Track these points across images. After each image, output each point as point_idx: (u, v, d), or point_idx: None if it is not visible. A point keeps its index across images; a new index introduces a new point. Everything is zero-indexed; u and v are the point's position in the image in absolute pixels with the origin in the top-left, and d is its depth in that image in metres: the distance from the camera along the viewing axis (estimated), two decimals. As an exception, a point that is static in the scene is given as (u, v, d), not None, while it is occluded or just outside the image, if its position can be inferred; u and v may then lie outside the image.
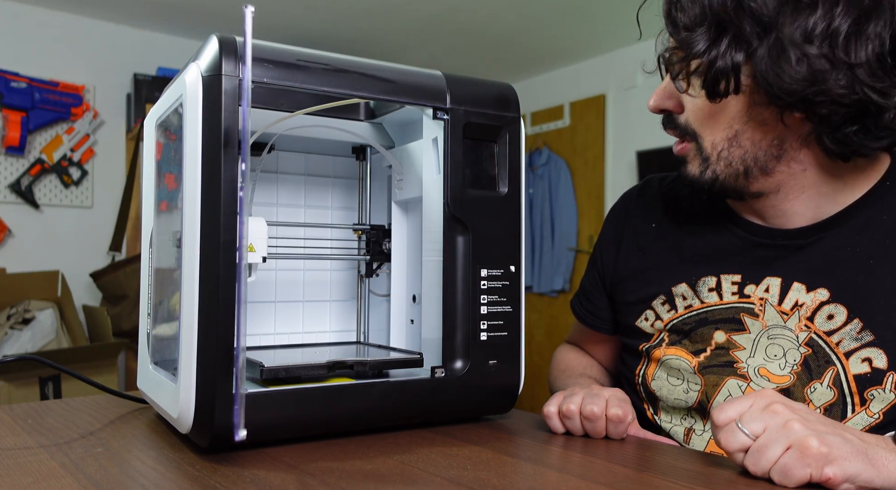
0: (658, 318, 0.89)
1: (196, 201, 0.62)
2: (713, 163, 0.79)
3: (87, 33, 3.44)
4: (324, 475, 0.58)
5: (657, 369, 0.89)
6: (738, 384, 0.82)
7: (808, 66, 0.69)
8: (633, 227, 0.97)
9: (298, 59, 0.68)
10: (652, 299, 0.90)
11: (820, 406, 0.77)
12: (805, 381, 0.78)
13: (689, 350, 0.86)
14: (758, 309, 0.82)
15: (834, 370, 0.76)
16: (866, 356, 0.75)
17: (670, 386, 0.87)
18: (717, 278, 0.85)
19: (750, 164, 0.78)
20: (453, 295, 0.75)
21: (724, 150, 0.79)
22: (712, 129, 0.79)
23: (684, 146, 0.83)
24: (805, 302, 0.79)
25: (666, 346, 0.88)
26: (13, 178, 3.23)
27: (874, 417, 0.75)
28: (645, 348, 0.90)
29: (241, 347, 0.57)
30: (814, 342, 0.78)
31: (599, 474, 0.60)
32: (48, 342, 2.73)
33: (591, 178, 3.94)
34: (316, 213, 0.95)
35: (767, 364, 0.80)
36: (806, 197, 0.80)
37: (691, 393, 0.85)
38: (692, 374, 0.85)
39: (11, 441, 0.68)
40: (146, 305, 0.81)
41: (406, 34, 3.64)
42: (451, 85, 0.76)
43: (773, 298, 0.81)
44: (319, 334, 0.95)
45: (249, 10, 0.58)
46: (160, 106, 0.78)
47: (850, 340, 0.76)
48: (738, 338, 0.82)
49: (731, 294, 0.84)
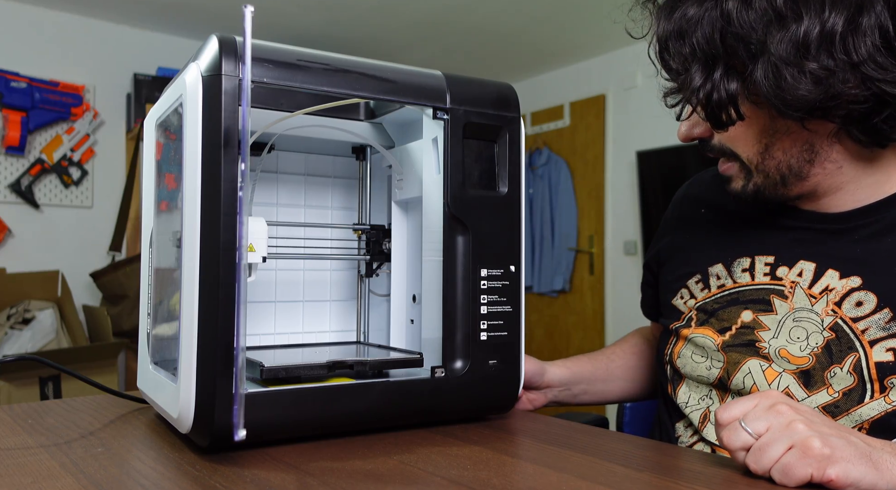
0: (692, 297, 0.92)
1: (196, 201, 0.62)
2: (754, 176, 0.81)
3: (87, 33, 3.44)
4: (324, 475, 0.58)
5: (683, 347, 0.90)
6: (760, 364, 0.82)
7: (809, 77, 0.69)
8: (685, 210, 1.01)
9: (298, 59, 0.68)
10: (688, 278, 0.93)
11: (839, 391, 0.76)
12: (825, 365, 0.77)
13: (715, 329, 0.87)
14: (787, 291, 0.82)
15: (856, 356, 0.76)
16: (892, 346, 0.75)
17: (694, 363, 0.88)
18: (751, 259, 0.87)
19: (785, 171, 0.79)
20: (453, 295, 0.75)
21: (760, 163, 0.80)
22: (744, 146, 0.80)
23: (729, 166, 0.84)
24: (836, 287, 0.79)
25: (695, 325, 0.89)
26: (13, 178, 3.23)
27: (891, 404, 0.74)
28: (675, 327, 0.92)
29: (240, 347, 0.57)
30: (838, 327, 0.78)
31: (599, 474, 0.60)
32: (48, 342, 2.73)
33: (591, 178, 3.94)
34: (316, 213, 0.95)
35: (789, 346, 0.80)
36: (846, 192, 0.81)
37: (713, 370, 0.86)
38: (716, 352, 0.86)
39: (11, 441, 0.68)
40: (146, 305, 0.81)
41: (406, 34, 3.64)
42: (451, 85, 0.76)
43: (804, 282, 0.81)
44: (319, 334, 0.95)
45: (249, 10, 0.58)
46: (160, 106, 0.78)
47: (877, 329, 0.76)
48: (764, 318, 0.83)
49: (763, 275, 0.85)
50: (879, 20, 0.69)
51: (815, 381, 0.78)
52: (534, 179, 4.12)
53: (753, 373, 0.82)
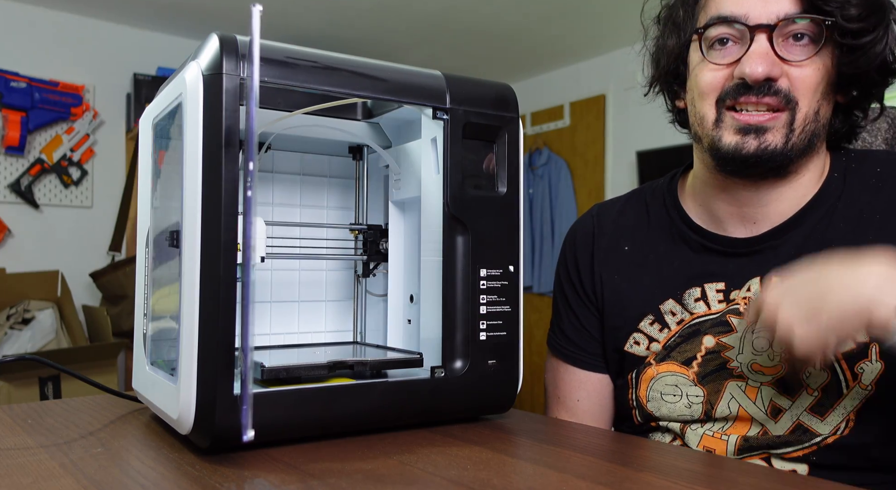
0: (653, 340, 0.89)
1: (196, 201, 0.62)
2: (796, 135, 0.80)
3: (87, 33, 3.44)
4: (324, 475, 0.58)
5: (649, 390, 0.88)
6: (738, 385, 0.82)
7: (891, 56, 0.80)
8: (604, 251, 0.96)
9: (298, 59, 0.68)
10: (638, 321, 0.90)
11: (817, 387, 0.79)
12: (797, 367, 0.79)
13: (679, 362, 0.86)
14: (742, 308, 0.84)
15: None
16: None
17: (668, 404, 0.86)
18: (700, 288, 0.87)
19: (812, 140, 0.81)
20: (453, 295, 0.75)
21: (810, 122, 0.80)
22: (811, 100, 0.80)
23: (775, 116, 0.80)
24: None
25: (656, 364, 0.88)
26: (13, 178, 3.23)
27: (867, 389, 0.77)
28: (633, 374, 0.90)
29: (249, 347, 0.57)
30: None
31: (599, 474, 0.60)
32: (48, 342, 2.73)
33: (591, 178, 3.94)
34: (312, 213, 0.95)
35: (756, 358, 0.82)
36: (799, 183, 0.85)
37: (695, 406, 0.84)
38: (692, 386, 0.85)
39: (11, 441, 0.68)
40: (142, 306, 0.81)
41: (406, 34, 3.64)
42: (450, 85, 0.76)
43: (755, 295, 0.83)
44: (315, 334, 0.95)
45: (257, 9, 0.57)
46: (157, 105, 0.78)
47: None
48: (726, 339, 0.84)
49: (717, 302, 0.86)
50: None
51: (793, 387, 0.79)
52: (534, 179, 4.12)
53: (736, 396, 0.82)
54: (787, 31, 0.78)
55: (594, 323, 0.96)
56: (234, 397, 0.62)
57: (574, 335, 0.97)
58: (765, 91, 0.79)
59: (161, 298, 0.74)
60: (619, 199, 1.02)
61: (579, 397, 0.96)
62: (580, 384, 0.96)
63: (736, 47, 0.80)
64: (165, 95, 0.74)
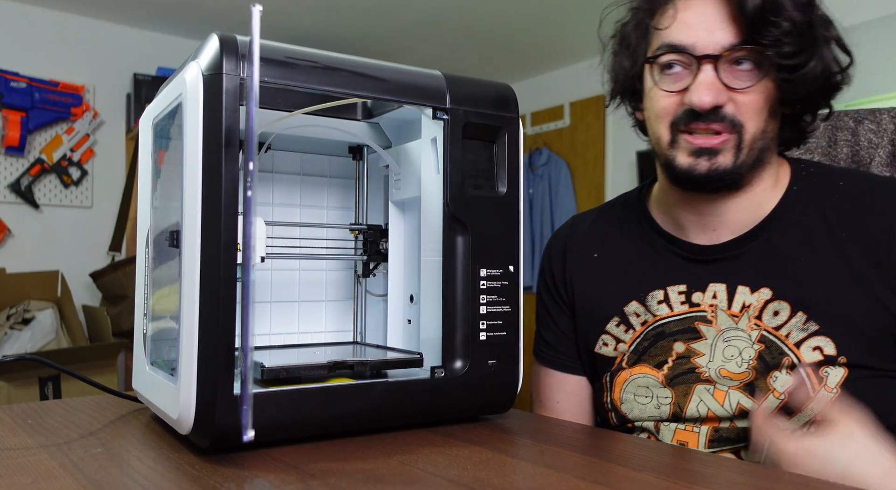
0: (620, 341, 0.93)
1: (196, 201, 0.62)
2: (744, 154, 0.84)
3: (87, 33, 3.45)
4: (324, 475, 0.58)
5: (623, 392, 0.92)
6: (706, 388, 0.86)
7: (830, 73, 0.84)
8: (575, 260, 1.02)
9: (298, 59, 0.68)
10: (605, 323, 0.95)
11: (784, 391, 0.81)
12: (764, 373, 0.83)
13: (650, 365, 0.90)
14: (710, 315, 0.87)
15: (788, 360, 0.82)
16: (816, 344, 0.81)
17: (640, 405, 0.90)
18: (663, 291, 0.91)
19: (760, 155, 0.85)
20: (453, 295, 0.75)
21: (755, 141, 0.84)
22: (757, 121, 0.83)
23: (724, 139, 0.83)
24: (751, 302, 0.85)
25: (629, 367, 0.91)
26: (13, 178, 3.23)
27: (832, 393, 0.80)
28: (608, 376, 0.94)
29: (249, 347, 0.57)
30: (765, 338, 0.84)
31: (599, 474, 0.60)
32: (48, 342, 2.73)
33: (591, 178, 3.94)
34: (312, 213, 0.95)
35: (726, 364, 0.85)
36: (754, 193, 0.88)
37: (663, 407, 0.89)
38: (661, 388, 0.89)
39: (11, 441, 0.68)
40: (142, 306, 0.81)
41: (406, 34, 3.64)
42: (450, 85, 0.76)
43: (722, 303, 0.87)
44: (315, 335, 0.95)
45: (257, 9, 0.57)
46: (157, 105, 0.78)
47: (797, 332, 0.82)
48: (696, 346, 0.88)
49: (679, 303, 0.90)
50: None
51: (760, 390, 0.83)
52: (534, 179, 4.12)
53: (704, 399, 0.86)
54: (731, 59, 0.82)
55: (569, 327, 1.01)
56: (234, 397, 0.62)
57: (552, 339, 1.02)
58: (712, 118, 0.83)
59: (161, 298, 0.74)
60: (593, 211, 1.08)
61: (558, 399, 1.01)
62: (558, 386, 1.01)
63: (685, 74, 0.84)
64: (165, 95, 0.74)
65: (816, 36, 0.81)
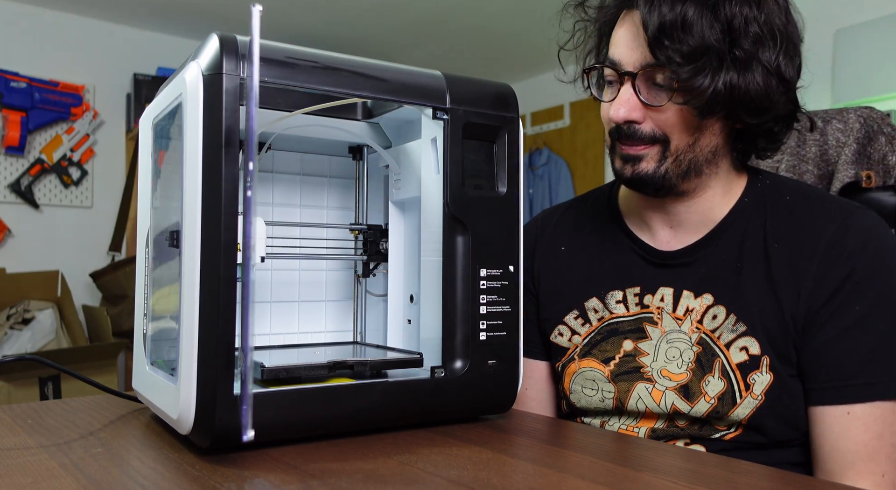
0: (575, 333, 0.98)
1: (196, 201, 0.62)
2: (669, 163, 0.86)
3: (87, 33, 3.45)
4: (324, 476, 0.58)
5: (572, 382, 0.96)
6: (646, 387, 0.90)
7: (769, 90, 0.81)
8: (543, 251, 1.05)
9: (298, 59, 0.68)
10: (564, 314, 0.99)
11: (714, 396, 0.86)
12: (700, 376, 0.87)
13: (599, 359, 0.95)
14: (656, 317, 0.92)
15: (719, 361, 0.87)
16: (743, 345, 0.86)
17: (587, 397, 0.95)
18: (622, 292, 0.95)
19: (692, 166, 0.87)
20: (453, 295, 0.75)
21: (682, 153, 0.86)
22: (681, 135, 0.85)
23: (647, 149, 0.86)
24: (694, 307, 0.90)
25: (579, 359, 0.96)
26: (13, 178, 3.24)
27: (758, 399, 0.85)
28: (560, 366, 0.98)
29: (249, 347, 0.57)
30: (703, 340, 0.88)
31: (599, 474, 0.60)
32: (48, 342, 2.73)
33: (591, 178, 3.94)
34: (312, 213, 0.95)
35: (667, 365, 0.90)
36: (705, 197, 0.91)
37: (607, 400, 0.93)
38: (606, 383, 0.93)
39: (11, 441, 0.68)
40: (142, 305, 0.81)
41: (406, 34, 3.64)
42: (450, 85, 0.76)
43: (668, 306, 0.92)
44: (315, 335, 0.95)
45: (257, 9, 0.57)
46: (157, 105, 0.78)
47: (728, 333, 0.87)
48: (642, 345, 0.92)
49: (634, 305, 0.94)
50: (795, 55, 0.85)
51: (693, 393, 0.87)
52: (534, 179, 4.12)
53: (643, 397, 0.91)
54: (647, 77, 0.84)
55: (534, 314, 1.04)
56: (234, 397, 0.62)
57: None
58: (630, 132, 0.87)
59: (161, 298, 0.74)
60: (562, 204, 1.11)
61: (527, 385, 1.05)
62: (526, 373, 1.03)
63: (616, 87, 0.88)
64: (165, 95, 0.74)
65: (726, 56, 0.80)
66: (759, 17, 0.81)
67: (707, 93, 0.80)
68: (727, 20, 0.80)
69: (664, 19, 0.79)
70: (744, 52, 0.80)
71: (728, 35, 0.80)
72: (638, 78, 0.84)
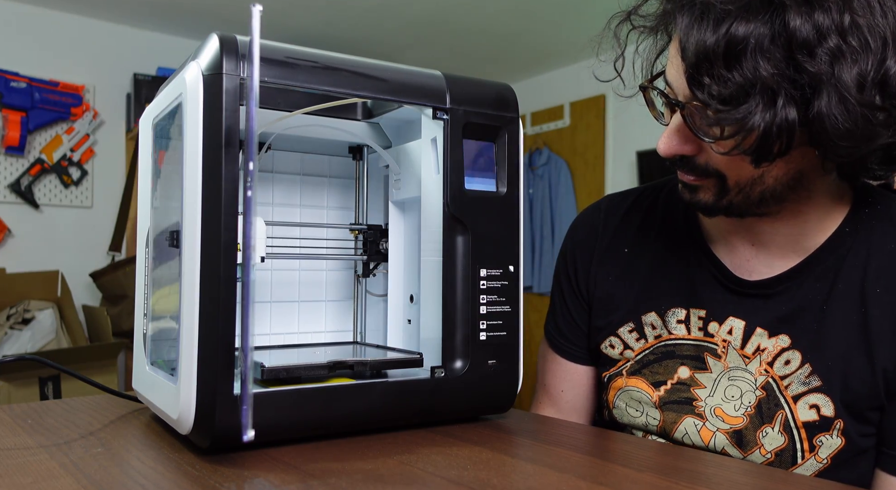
0: (627, 347, 0.90)
1: (196, 201, 0.62)
2: (733, 196, 0.76)
3: (87, 33, 3.44)
4: (324, 475, 0.58)
5: (616, 398, 0.90)
6: (695, 422, 0.83)
7: (865, 118, 0.64)
8: (603, 251, 0.95)
9: (298, 59, 0.68)
10: (618, 326, 0.91)
11: (771, 451, 0.79)
12: (757, 425, 0.79)
13: (649, 381, 0.87)
14: (720, 350, 0.83)
15: (783, 414, 0.78)
16: (814, 402, 0.77)
17: (630, 416, 0.89)
18: (686, 311, 0.86)
19: (767, 195, 0.75)
20: (453, 295, 0.75)
21: (748, 187, 0.74)
22: (738, 171, 0.73)
23: (703, 180, 0.77)
24: (767, 347, 0.80)
25: (627, 375, 0.89)
26: (13, 178, 3.23)
27: (822, 462, 0.77)
28: (606, 377, 0.92)
29: (249, 347, 0.57)
30: (769, 385, 0.79)
31: (599, 474, 0.60)
32: (48, 342, 2.73)
33: (591, 178, 3.94)
34: (312, 213, 0.95)
35: (724, 405, 0.81)
36: (796, 222, 0.79)
37: (651, 425, 0.87)
38: (652, 408, 0.87)
39: (11, 441, 0.68)
40: (142, 305, 0.81)
41: (406, 34, 3.64)
42: (450, 85, 0.76)
43: (735, 341, 0.82)
44: (315, 335, 0.95)
45: (257, 9, 0.57)
46: (157, 105, 0.78)
47: (798, 384, 0.78)
48: (699, 376, 0.84)
49: (697, 329, 0.85)
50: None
51: (747, 442, 0.80)
52: (534, 179, 4.12)
53: (689, 432, 0.83)
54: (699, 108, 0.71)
55: (584, 318, 0.96)
56: (234, 397, 0.62)
57: (565, 327, 0.99)
58: (680, 165, 0.77)
59: (161, 298, 0.74)
60: (630, 194, 0.98)
61: (563, 388, 0.99)
62: (566, 375, 0.99)
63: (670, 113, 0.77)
64: (165, 95, 0.74)
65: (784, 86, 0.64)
66: (843, 19, 0.62)
67: (758, 136, 0.65)
68: (791, 34, 0.63)
69: (703, 46, 0.65)
70: (811, 75, 0.63)
71: (792, 55, 0.63)
72: (687, 108, 0.72)
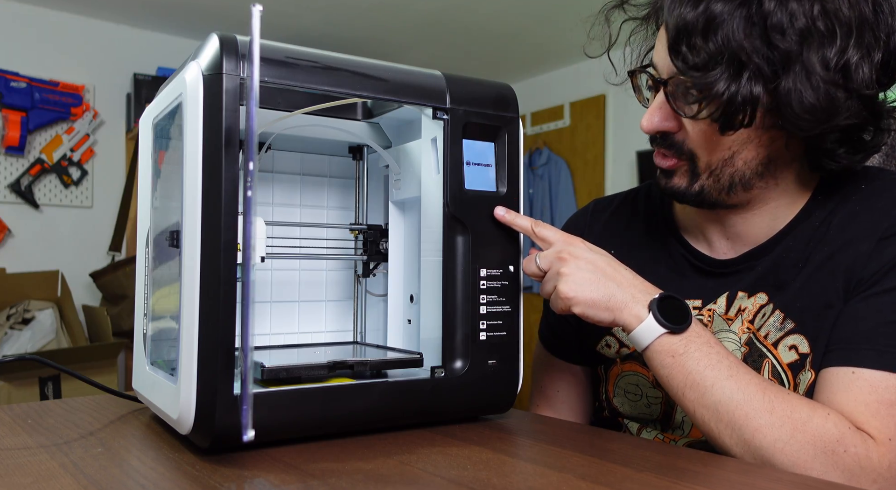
0: (623, 346, 0.91)
1: (196, 201, 0.62)
2: (703, 179, 0.80)
3: (87, 33, 3.44)
4: (324, 475, 0.58)
5: (615, 387, 0.91)
6: None
7: (827, 95, 0.69)
8: None
9: (298, 59, 0.68)
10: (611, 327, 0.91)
11: None
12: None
13: (641, 363, 0.88)
14: (706, 320, 0.85)
15: (768, 362, 0.80)
16: (792, 343, 0.79)
17: (630, 402, 0.90)
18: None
19: (736, 180, 0.79)
20: (453, 295, 0.75)
21: (718, 169, 0.79)
22: (711, 150, 0.78)
23: (676, 163, 0.81)
24: (747, 306, 0.83)
25: (620, 363, 0.90)
26: (13, 178, 3.23)
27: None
28: (602, 369, 0.93)
29: (249, 347, 0.57)
30: (751, 341, 0.82)
31: (599, 474, 0.60)
32: (48, 342, 2.73)
33: (591, 178, 3.94)
34: (312, 213, 0.95)
35: None
36: (766, 210, 0.83)
37: (653, 406, 0.87)
38: (651, 388, 0.87)
39: (11, 441, 0.68)
40: (142, 305, 0.81)
41: (406, 34, 3.64)
42: (450, 85, 0.76)
43: (719, 309, 0.85)
44: (315, 334, 0.95)
45: (257, 9, 0.57)
46: (157, 105, 0.78)
47: (775, 331, 0.80)
48: None
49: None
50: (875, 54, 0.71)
51: None
52: (534, 179, 4.12)
53: None
54: (681, 85, 0.76)
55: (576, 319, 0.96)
56: (234, 397, 0.62)
57: (557, 327, 1.00)
58: (659, 142, 0.81)
59: (161, 298, 0.74)
60: (615, 198, 1.03)
61: (559, 388, 1.00)
62: (560, 375, 1.00)
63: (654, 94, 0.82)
64: (165, 95, 0.74)
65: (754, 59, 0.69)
66: (814, 7, 0.68)
67: (722, 103, 0.71)
68: (765, 15, 0.69)
69: (684, 20, 0.71)
70: (781, 53, 0.69)
71: (764, 34, 0.69)
72: (669, 85, 0.77)
